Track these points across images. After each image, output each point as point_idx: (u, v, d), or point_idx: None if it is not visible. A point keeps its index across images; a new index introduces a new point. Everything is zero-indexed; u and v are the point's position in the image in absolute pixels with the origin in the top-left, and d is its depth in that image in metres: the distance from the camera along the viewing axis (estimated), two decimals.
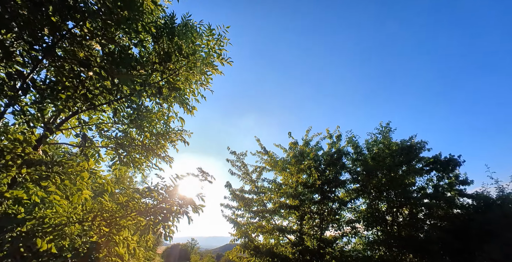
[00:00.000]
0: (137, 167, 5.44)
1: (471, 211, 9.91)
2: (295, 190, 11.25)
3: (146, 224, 4.09)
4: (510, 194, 9.67)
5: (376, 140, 13.09)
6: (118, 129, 5.38)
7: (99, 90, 4.30)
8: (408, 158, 11.76)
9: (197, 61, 5.44)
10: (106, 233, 3.72)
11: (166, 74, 5.27)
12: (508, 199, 9.34)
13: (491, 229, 8.44)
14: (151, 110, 5.62)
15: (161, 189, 4.82)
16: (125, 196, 4.31)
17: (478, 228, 8.74)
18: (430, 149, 12.14)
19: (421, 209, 10.84)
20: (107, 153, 5.28)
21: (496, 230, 8.34)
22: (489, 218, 8.67)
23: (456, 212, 10.52)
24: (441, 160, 11.68)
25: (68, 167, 3.67)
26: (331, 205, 11.32)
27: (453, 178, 11.41)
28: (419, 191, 11.46)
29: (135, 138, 5.72)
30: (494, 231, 8.38)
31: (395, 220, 11.04)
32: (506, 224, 8.31)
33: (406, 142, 12.32)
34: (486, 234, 8.55)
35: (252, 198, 11.45)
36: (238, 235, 10.65)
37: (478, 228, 8.75)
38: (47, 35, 3.54)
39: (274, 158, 12.37)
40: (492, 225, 8.45)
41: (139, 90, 4.71)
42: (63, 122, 4.27)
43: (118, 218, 3.85)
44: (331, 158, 11.85)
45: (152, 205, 4.61)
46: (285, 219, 11.42)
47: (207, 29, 5.31)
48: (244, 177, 11.90)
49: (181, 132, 6.40)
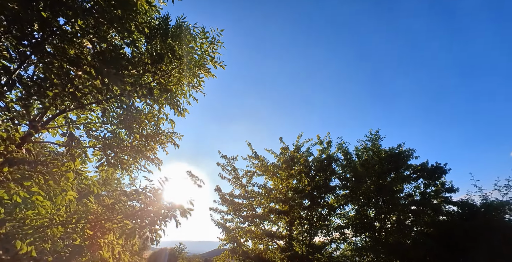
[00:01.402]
0: (125, 168, 5.31)
1: (457, 218, 10.11)
2: (285, 195, 11.23)
3: (132, 228, 3.97)
4: (493, 202, 9.93)
5: (366, 147, 13.27)
6: (106, 129, 5.26)
7: (88, 89, 4.21)
8: (396, 165, 11.96)
9: (190, 64, 5.42)
10: (90, 236, 3.59)
11: (158, 75, 5.23)
12: (492, 207, 9.58)
13: (476, 236, 8.62)
14: (142, 111, 5.54)
15: (149, 192, 4.72)
16: (112, 198, 4.19)
17: (463, 234, 8.91)
18: (417, 157, 12.39)
19: (408, 215, 10.98)
20: (94, 154, 5.14)
21: (480, 237, 8.53)
22: (474, 225, 8.87)
23: (442, 219, 10.70)
24: (428, 167, 11.91)
25: (53, 167, 3.56)
26: (320, 210, 11.34)
27: (439, 186, 11.65)
28: (407, 198, 11.63)
29: (124, 138, 5.60)
30: (478, 238, 8.56)
31: (383, 227, 11.14)
32: (489, 231, 8.51)
33: (395, 150, 12.54)
34: (470, 241, 8.72)
35: (242, 203, 11.35)
36: (227, 240, 10.50)
37: (463, 235, 8.91)
38: (37, 30, 3.46)
39: (264, 162, 12.34)
40: (476, 232, 8.64)
41: (129, 90, 4.64)
42: (49, 120, 4.14)
43: (103, 221, 3.73)
44: (321, 164, 11.93)
45: (139, 208, 4.50)
46: (274, 224, 11.35)
47: (201, 32, 5.30)
48: (234, 181, 11.81)
49: (171, 134, 6.31)
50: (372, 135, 13.35)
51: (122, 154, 5.44)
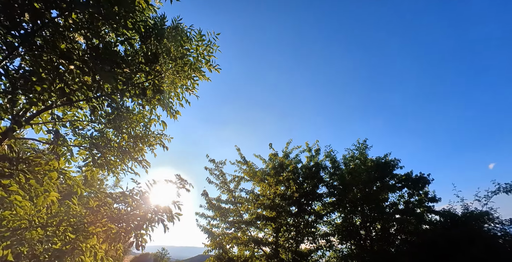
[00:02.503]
0: (112, 169, 5.11)
1: (439, 227, 10.35)
2: (272, 201, 11.15)
3: (117, 232, 3.79)
4: (473, 211, 10.26)
5: (353, 155, 13.46)
6: (94, 128, 5.06)
7: (78, 86, 4.05)
8: (382, 175, 12.18)
9: (185, 66, 5.35)
10: (72, 240, 3.39)
11: (152, 75, 5.11)
12: (472, 216, 9.88)
13: (458, 244, 8.85)
14: (132, 111, 5.39)
15: (135, 195, 4.54)
16: (97, 201, 3.99)
17: (446, 243, 9.12)
18: (402, 167, 12.70)
19: (393, 224, 11.14)
20: (79, 153, 4.92)
21: (462, 245, 8.76)
22: (456, 234, 9.10)
23: (425, 227, 10.93)
24: (412, 177, 12.22)
25: (36, 165, 3.36)
26: (307, 217, 11.32)
27: (422, 195, 11.94)
28: (392, 207, 11.82)
29: (111, 138, 5.41)
30: (460, 246, 8.79)
31: (368, 234, 11.23)
32: (470, 240, 8.76)
33: (381, 159, 12.78)
34: (453, 249, 8.93)
35: (228, 208, 11.17)
36: (213, 246, 10.25)
37: (446, 243, 9.12)
38: (27, 21, 3.31)
39: (253, 168, 12.26)
40: (458, 241, 8.86)
41: (121, 89, 4.50)
42: (34, 116, 3.94)
43: (86, 224, 3.53)
44: (310, 171, 11.97)
45: (125, 211, 4.31)
46: (261, 230, 11.20)
47: (197, 34, 5.26)
48: (222, 186, 11.64)
49: (160, 136, 6.17)
50: (360, 144, 13.59)
51: (109, 154, 5.25)
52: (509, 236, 9.23)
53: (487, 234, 9.32)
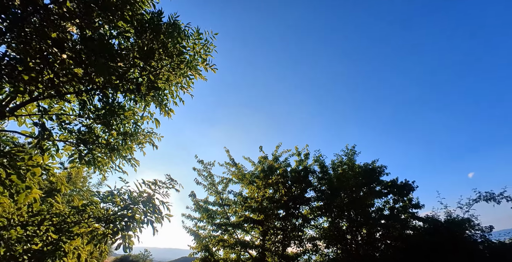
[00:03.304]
0: (99, 167, 4.88)
1: (422, 232, 10.59)
2: (260, 204, 11.07)
3: (104, 233, 3.60)
4: (455, 218, 10.57)
5: (342, 161, 13.58)
6: (81, 123, 4.81)
7: (68, 77, 3.84)
8: (369, 181, 12.35)
9: (182, 63, 5.23)
10: (54, 240, 3.18)
11: (147, 71, 4.95)
12: (454, 223, 10.18)
13: (440, 249, 9.08)
14: (123, 107, 5.19)
15: (123, 194, 4.36)
16: (82, 199, 3.78)
17: (428, 248, 9.33)
18: (388, 173, 12.94)
19: (378, 229, 11.29)
20: (65, 148, 4.67)
21: (444, 251, 9.00)
22: (439, 240, 9.34)
23: (409, 233, 11.15)
24: (397, 184, 12.47)
25: (18, 160, 3.14)
26: (294, 221, 11.30)
27: (407, 202, 12.19)
28: (377, 212, 11.98)
29: (99, 135, 5.18)
30: (443, 252, 9.03)
31: (354, 239, 11.33)
32: (452, 245, 9.02)
33: (369, 165, 12.97)
34: (436, 254, 9.15)
35: (216, 210, 10.98)
36: (198, 248, 10.02)
37: (428, 249, 9.33)
38: (17, 6, 3.11)
39: (242, 170, 12.17)
40: (441, 246, 9.10)
41: (115, 83, 4.32)
42: (18, 107, 3.70)
43: (71, 224, 3.33)
44: (298, 175, 11.99)
45: (113, 211, 4.11)
46: (247, 233, 11.07)
47: (195, 32, 5.18)
48: (210, 187, 11.45)
49: (150, 134, 5.99)
50: (348, 150, 13.74)
51: (97, 151, 5.02)
52: (488, 243, 9.57)
53: (468, 241, 9.62)
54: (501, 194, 10.23)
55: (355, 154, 13.57)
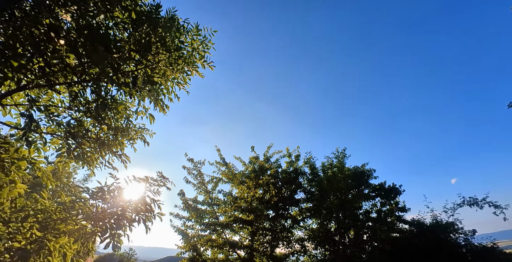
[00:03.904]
0: (88, 162, 4.68)
1: (409, 235, 10.80)
2: (250, 204, 10.99)
3: (92, 231, 3.43)
4: (440, 222, 10.85)
5: (332, 163, 13.68)
6: (71, 116, 4.60)
7: (59, 67, 3.65)
8: (358, 183, 12.50)
9: (179, 59, 5.09)
10: (39, 238, 2.99)
11: (143, 64, 4.79)
12: (440, 226, 10.46)
13: (425, 252, 9.29)
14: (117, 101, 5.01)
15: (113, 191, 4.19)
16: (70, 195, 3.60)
17: (414, 250, 9.53)
18: (376, 177, 13.13)
19: (365, 231, 11.44)
20: (52, 142, 4.44)
21: (430, 253, 9.21)
22: (424, 243, 9.54)
23: (395, 235, 11.35)
24: (385, 187, 12.68)
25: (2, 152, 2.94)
26: (284, 222, 11.29)
27: (393, 205, 12.41)
28: (365, 214, 12.14)
29: (89, 129, 4.98)
30: (428, 254, 9.23)
31: (342, 240, 11.44)
32: (437, 248, 9.24)
33: (359, 169, 13.12)
34: (422, 257, 9.35)
35: (205, 209, 10.82)
36: (186, 248, 9.83)
37: (414, 251, 9.53)
38: None
39: (232, 170, 12.05)
40: (427, 249, 9.30)
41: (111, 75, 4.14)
42: (4, 96, 3.48)
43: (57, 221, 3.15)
44: (289, 176, 11.98)
45: (102, 208, 3.94)
46: (236, 233, 10.97)
47: (194, 28, 5.06)
48: (199, 186, 11.28)
49: (142, 130, 5.82)
50: (339, 153, 13.86)
51: (86, 145, 4.81)
52: (471, 246, 9.87)
53: (452, 244, 9.89)
54: (483, 199, 10.59)
55: (345, 156, 13.70)
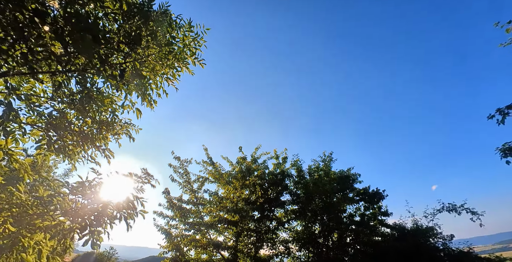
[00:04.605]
0: (69, 155, 4.50)
1: (390, 239, 11.03)
2: (236, 205, 10.92)
3: (70, 228, 3.28)
4: (421, 227, 11.15)
5: (318, 166, 13.81)
6: (53, 107, 4.41)
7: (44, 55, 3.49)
8: (343, 187, 12.68)
9: (170, 54, 5.00)
10: (12, 233, 2.84)
11: (132, 57, 4.67)
12: (420, 231, 10.76)
13: (406, 255, 9.52)
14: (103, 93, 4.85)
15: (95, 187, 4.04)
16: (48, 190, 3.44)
17: (396, 254, 9.74)
18: (361, 181, 13.37)
19: (349, 234, 11.60)
20: (32, 133, 4.24)
21: (410, 256, 9.44)
22: (405, 246, 9.78)
23: (378, 239, 11.57)
24: (369, 192, 12.94)
25: None
26: (269, 223, 11.28)
27: (376, 209, 12.67)
28: (349, 218, 12.32)
29: (72, 121, 4.79)
30: (408, 257, 9.46)
31: (326, 243, 11.55)
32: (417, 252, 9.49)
33: (344, 173, 13.31)
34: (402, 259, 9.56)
35: (190, 209, 10.66)
36: (169, 248, 9.63)
37: (396, 254, 9.74)
38: None
39: (219, 170, 11.95)
40: (407, 252, 9.53)
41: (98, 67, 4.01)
42: None
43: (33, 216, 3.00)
44: (275, 178, 11.98)
45: (82, 204, 3.79)
46: (221, 234, 10.86)
47: (187, 24, 4.99)
48: (185, 185, 11.11)
49: (128, 125, 5.66)
50: (326, 156, 14.01)
51: (68, 138, 4.63)
52: (448, 250, 10.21)
53: (431, 248, 10.19)
54: (461, 206, 10.99)
55: (331, 160, 13.86)
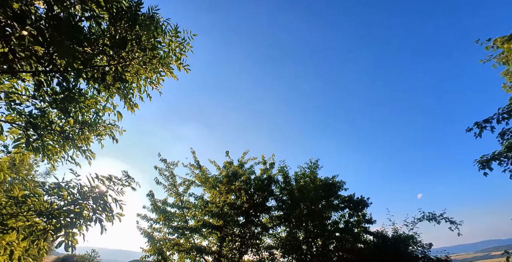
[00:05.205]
0: (49, 156, 4.48)
1: (372, 246, 11.19)
2: (221, 209, 10.88)
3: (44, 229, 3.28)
4: (401, 235, 11.39)
5: (305, 173, 13.94)
6: (35, 105, 4.40)
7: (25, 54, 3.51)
8: (328, 194, 12.83)
9: (154, 58, 5.05)
10: None
11: (115, 61, 4.71)
12: (400, 239, 10.98)
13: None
14: (84, 95, 4.85)
15: (72, 188, 4.04)
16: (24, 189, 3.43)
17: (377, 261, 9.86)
18: (346, 189, 13.56)
19: (332, 241, 11.69)
20: (10, 131, 4.22)
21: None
22: (386, 254, 9.93)
23: (360, 246, 11.70)
24: (354, 199, 13.14)
25: None
26: (253, 229, 11.26)
27: (361, 217, 12.85)
28: (333, 225, 12.45)
29: (54, 120, 4.77)
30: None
31: (310, 250, 11.59)
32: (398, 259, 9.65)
33: (329, 180, 13.49)
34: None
35: (174, 212, 10.56)
36: (151, 252, 9.49)
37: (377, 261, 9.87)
38: None
39: (206, 173, 11.92)
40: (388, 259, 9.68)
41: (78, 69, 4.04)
42: None
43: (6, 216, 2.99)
44: (262, 183, 12.01)
45: (58, 205, 3.78)
46: (205, 238, 10.79)
47: (173, 29, 5.07)
48: (171, 188, 11.03)
49: (112, 126, 5.66)
50: (312, 163, 14.15)
51: (48, 138, 4.61)
52: (427, 258, 10.44)
53: (410, 255, 10.39)
54: (441, 215, 11.32)
55: (317, 167, 13.98)
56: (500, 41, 8.91)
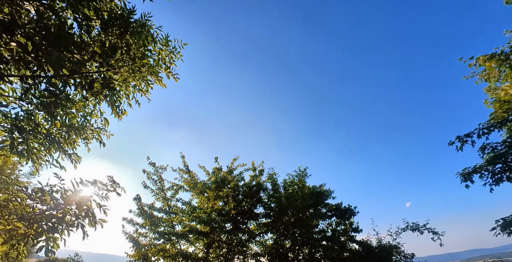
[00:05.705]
0: (32, 158, 4.51)
1: (357, 255, 11.29)
2: (208, 215, 10.87)
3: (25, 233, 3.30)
4: (385, 244, 11.56)
5: (293, 181, 13.99)
6: (21, 107, 4.43)
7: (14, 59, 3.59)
8: (316, 202, 12.91)
9: (143, 67, 5.11)
10: None
11: (104, 68, 4.78)
12: (384, 249, 11.13)
13: None
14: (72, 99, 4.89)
15: (56, 192, 4.07)
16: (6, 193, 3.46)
17: None
18: (334, 197, 13.68)
19: (319, 249, 11.75)
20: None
21: None
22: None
23: (346, 255, 11.78)
24: (341, 208, 13.28)
25: None
26: (241, 236, 11.25)
27: (348, 225, 12.97)
28: (320, 233, 12.53)
29: (40, 123, 4.81)
30: None
31: (296, 258, 11.61)
32: None
33: (317, 188, 13.60)
34: None
35: (161, 217, 10.49)
36: (136, 257, 9.38)
37: None
38: None
39: (195, 179, 11.89)
40: None
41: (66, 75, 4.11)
42: None
43: None
44: (250, 190, 12.04)
45: (40, 210, 3.81)
46: (192, 244, 10.72)
47: (164, 38, 5.14)
48: (158, 192, 10.97)
49: (99, 130, 5.69)
50: (300, 172, 14.23)
51: (34, 141, 4.64)
52: None
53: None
54: (424, 225, 11.55)
55: (306, 175, 14.07)
56: (482, 59, 9.32)
